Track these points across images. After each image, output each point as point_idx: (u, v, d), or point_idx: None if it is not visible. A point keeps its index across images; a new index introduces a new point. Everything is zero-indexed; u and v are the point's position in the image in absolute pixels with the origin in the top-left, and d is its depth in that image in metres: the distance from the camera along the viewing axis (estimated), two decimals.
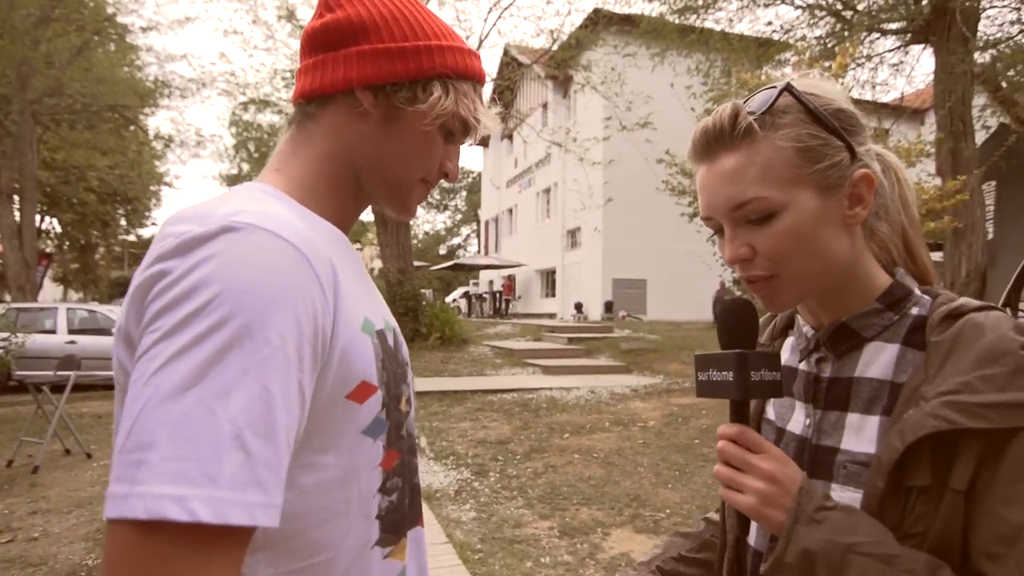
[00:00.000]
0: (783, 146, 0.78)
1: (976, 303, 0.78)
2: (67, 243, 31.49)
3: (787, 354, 0.95)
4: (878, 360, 0.81)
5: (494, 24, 14.47)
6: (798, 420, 0.88)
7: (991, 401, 0.68)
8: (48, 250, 26.76)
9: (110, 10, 17.00)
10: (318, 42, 0.82)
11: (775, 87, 0.80)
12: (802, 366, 0.90)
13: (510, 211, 32.06)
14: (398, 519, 0.80)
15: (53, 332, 10.70)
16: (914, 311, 0.81)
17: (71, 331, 10.89)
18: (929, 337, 0.76)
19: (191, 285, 0.59)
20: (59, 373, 6.65)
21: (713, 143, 0.80)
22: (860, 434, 0.79)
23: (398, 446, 0.80)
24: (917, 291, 0.84)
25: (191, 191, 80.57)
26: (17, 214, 15.98)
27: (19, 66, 13.86)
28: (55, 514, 4.71)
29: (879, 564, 0.69)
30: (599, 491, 5.21)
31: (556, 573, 3.80)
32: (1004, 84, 15.00)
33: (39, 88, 15.07)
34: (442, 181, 0.92)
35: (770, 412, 0.95)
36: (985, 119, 15.10)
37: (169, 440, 0.55)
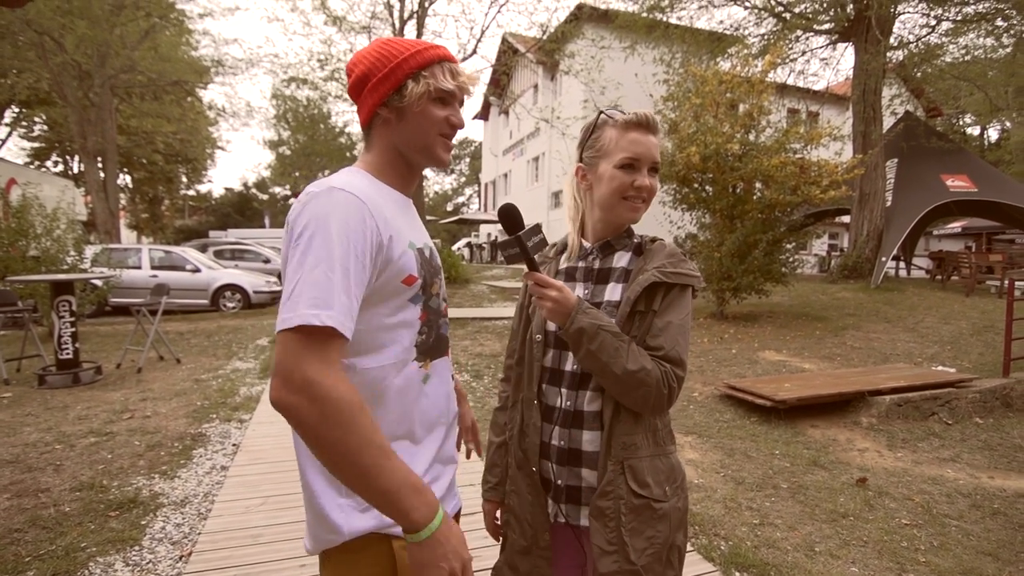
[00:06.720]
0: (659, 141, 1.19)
1: (660, 238, 1.22)
2: (138, 196, 31.04)
3: (564, 263, 1.27)
4: (622, 259, 1.21)
5: (493, 18, 14.18)
6: (578, 292, 1.21)
7: (671, 271, 1.12)
8: (122, 202, 26.46)
9: None
10: (353, 93, 1.05)
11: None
12: (580, 264, 1.24)
13: (505, 175, 31.46)
14: (426, 348, 1.05)
15: (138, 268, 10.68)
16: (635, 240, 1.23)
17: (153, 267, 10.89)
18: (644, 248, 1.20)
19: (308, 218, 0.87)
20: (152, 299, 6.78)
21: (651, 125, 1.16)
22: (613, 293, 1.17)
23: (427, 310, 1.04)
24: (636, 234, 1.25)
25: (241, 154, 78.23)
26: (101, 172, 15.76)
27: (99, 47, 13.49)
28: (160, 400, 4.91)
29: (611, 335, 1.06)
30: None
31: None
32: (918, 75, 14.90)
33: (115, 66, 14.63)
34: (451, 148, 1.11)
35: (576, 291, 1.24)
36: (894, 107, 15.08)
37: (309, 289, 0.82)
